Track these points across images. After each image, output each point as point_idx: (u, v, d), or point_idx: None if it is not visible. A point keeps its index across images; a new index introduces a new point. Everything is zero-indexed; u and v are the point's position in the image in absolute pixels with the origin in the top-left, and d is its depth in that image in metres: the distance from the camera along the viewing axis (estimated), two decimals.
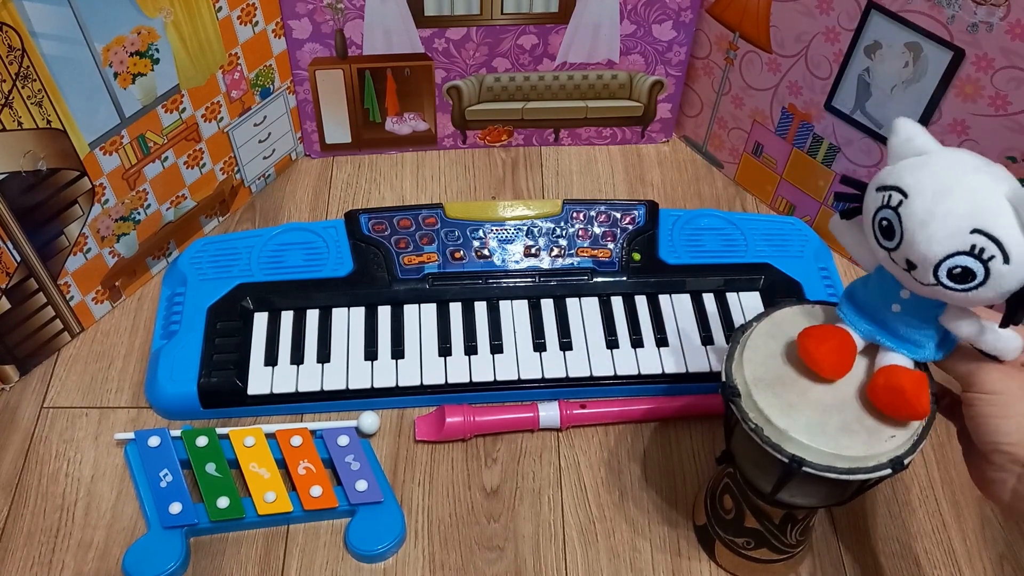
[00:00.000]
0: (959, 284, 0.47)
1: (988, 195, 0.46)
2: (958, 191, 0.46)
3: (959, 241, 0.46)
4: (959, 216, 0.46)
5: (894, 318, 0.53)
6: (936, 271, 0.47)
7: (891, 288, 0.52)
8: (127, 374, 0.79)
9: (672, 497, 0.72)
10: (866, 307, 0.54)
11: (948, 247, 0.46)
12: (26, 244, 0.72)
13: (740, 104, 0.92)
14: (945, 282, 0.47)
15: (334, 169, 0.98)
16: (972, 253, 0.46)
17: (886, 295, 0.52)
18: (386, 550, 0.68)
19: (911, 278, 0.49)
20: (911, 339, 0.53)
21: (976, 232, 0.45)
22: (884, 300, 0.53)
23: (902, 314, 0.52)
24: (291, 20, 0.85)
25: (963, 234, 0.46)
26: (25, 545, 0.69)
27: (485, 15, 0.88)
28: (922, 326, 0.52)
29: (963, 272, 0.46)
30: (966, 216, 0.46)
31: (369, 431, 0.75)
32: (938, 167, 0.48)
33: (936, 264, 0.47)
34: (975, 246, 0.45)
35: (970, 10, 0.68)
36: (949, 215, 0.46)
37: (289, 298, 0.80)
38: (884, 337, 0.53)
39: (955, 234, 0.46)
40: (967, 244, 0.46)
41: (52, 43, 0.65)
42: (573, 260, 0.82)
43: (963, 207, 0.46)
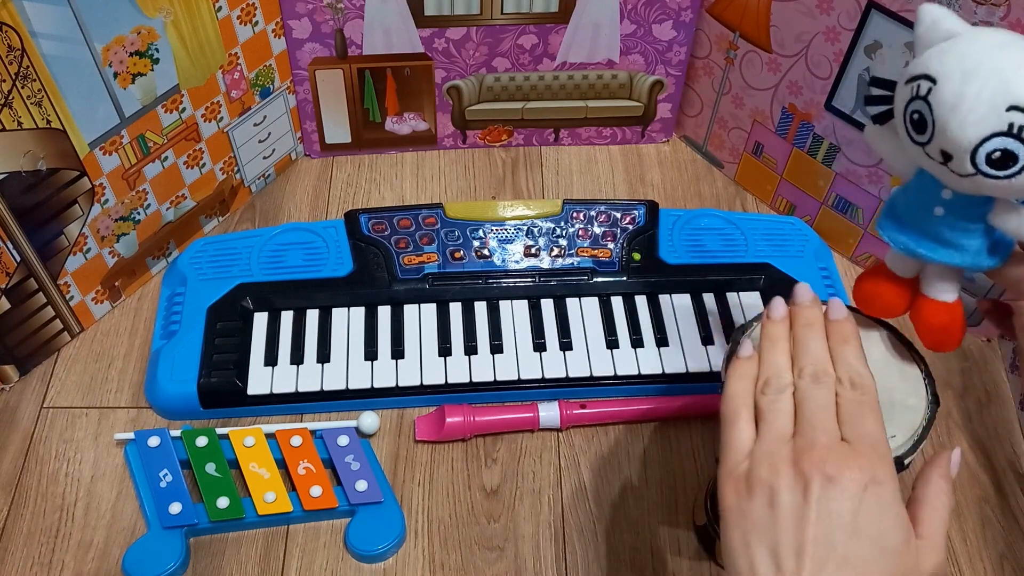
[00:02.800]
0: (1000, 170, 0.43)
1: (1020, 70, 0.42)
2: (987, 69, 0.43)
3: (994, 122, 0.42)
4: (991, 95, 0.42)
5: (937, 222, 0.49)
6: (974, 158, 0.43)
7: (932, 190, 0.48)
8: (127, 374, 0.79)
9: (672, 497, 0.72)
10: (907, 217, 0.51)
11: (983, 129, 0.43)
12: (26, 244, 0.72)
13: (740, 104, 0.92)
14: (985, 169, 0.44)
15: (334, 169, 0.98)
16: (1010, 133, 0.42)
17: (927, 198, 0.49)
18: (386, 550, 0.68)
19: (949, 172, 0.46)
20: (957, 244, 0.49)
21: (1013, 109, 0.42)
22: (926, 204, 0.49)
23: (946, 216, 0.48)
24: (291, 20, 0.85)
25: (998, 113, 0.42)
26: (25, 545, 0.69)
27: (485, 15, 0.88)
28: (969, 229, 0.48)
29: (1003, 156, 0.43)
30: (999, 93, 0.42)
31: (369, 431, 0.75)
32: (965, 48, 0.44)
33: (972, 150, 0.43)
34: (1012, 124, 0.42)
35: (970, 10, 0.68)
36: (980, 95, 0.43)
37: (289, 298, 0.80)
38: (927, 247, 0.49)
39: (989, 114, 0.43)
40: (1003, 124, 0.42)
41: (52, 43, 0.65)
42: (573, 260, 0.82)
43: (994, 85, 0.42)
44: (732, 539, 0.46)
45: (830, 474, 0.44)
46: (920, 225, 0.50)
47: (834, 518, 0.44)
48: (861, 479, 0.44)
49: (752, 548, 0.45)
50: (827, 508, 0.44)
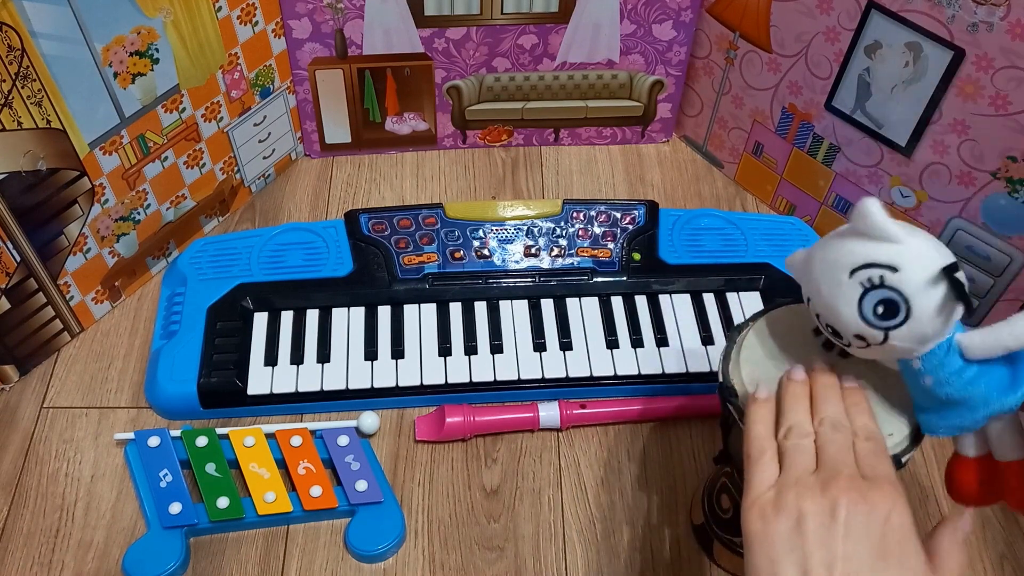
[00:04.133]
0: (891, 319, 0.47)
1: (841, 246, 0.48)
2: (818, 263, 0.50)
3: (853, 290, 0.47)
4: (833, 276, 0.48)
5: (936, 391, 0.49)
6: (871, 325, 0.47)
7: (908, 370, 0.50)
8: (127, 374, 0.79)
9: (672, 497, 0.72)
10: (923, 404, 0.51)
11: (850, 301, 0.47)
12: (26, 244, 0.72)
13: (740, 104, 0.92)
14: (884, 324, 0.47)
15: (334, 169, 0.98)
16: (870, 288, 0.47)
17: (914, 379, 0.50)
18: (386, 550, 0.68)
19: (883, 351, 0.49)
20: (968, 397, 0.48)
21: (855, 272, 0.47)
22: (918, 384, 0.50)
23: (935, 381, 0.49)
24: (291, 20, 0.85)
25: (849, 284, 0.47)
26: (25, 545, 0.69)
27: (485, 15, 0.88)
28: (962, 377, 0.48)
29: (885, 308, 0.47)
30: (836, 270, 0.48)
31: (369, 431, 0.75)
32: (807, 264, 0.51)
33: (861, 321, 0.47)
34: (863, 282, 0.47)
35: (970, 10, 0.68)
36: (828, 283, 0.49)
37: (289, 298, 0.80)
38: (952, 416, 0.49)
39: (844, 289, 0.48)
40: (858, 287, 0.47)
41: (52, 43, 0.65)
42: (573, 260, 0.82)
43: (829, 270, 0.49)
44: (757, 562, 0.47)
45: (855, 498, 0.46)
46: (932, 403, 0.50)
47: (862, 538, 0.45)
48: (885, 505, 0.46)
49: (779, 566, 0.46)
50: (855, 528, 0.45)
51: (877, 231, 0.47)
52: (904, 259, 0.47)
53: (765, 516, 0.47)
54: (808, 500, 0.47)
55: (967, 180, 0.75)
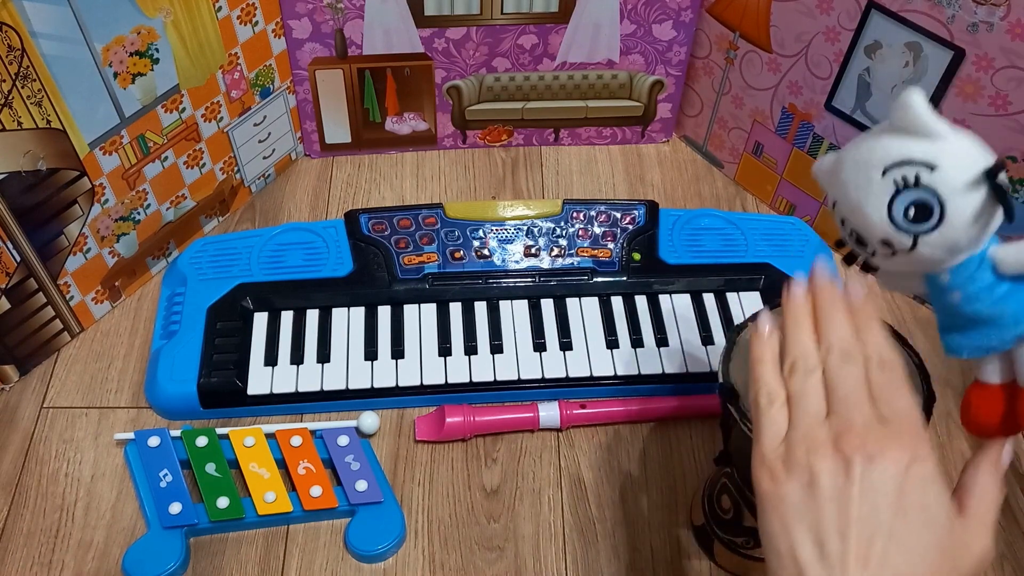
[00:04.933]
0: (925, 222, 0.43)
1: (872, 143, 0.45)
2: (848, 164, 0.46)
3: (883, 190, 0.43)
4: (862, 176, 0.44)
5: (965, 307, 0.46)
6: (900, 229, 0.44)
7: (935, 285, 0.47)
8: (127, 374, 0.79)
9: (672, 497, 0.72)
10: (948, 323, 0.48)
11: (880, 203, 0.44)
12: (26, 244, 0.72)
13: (740, 104, 0.92)
14: (916, 230, 0.43)
15: (334, 169, 0.98)
16: (903, 188, 0.43)
17: (940, 295, 0.47)
18: (386, 550, 0.68)
19: (911, 260, 0.45)
20: (998, 315, 0.45)
21: (887, 170, 0.43)
22: (945, 300, 0.47)
23: (964, 297, 0.46)
24: (291, 20, 0.85)
25: (881, 183, 0.44)
26: (25, 545, 0.69)
27: (485, 15, 0.88)
28: (993, 293, 0.45)
29: (917, 210, 0.43)
30: (867, 169, 0.44)
31: (369, 431, 0.75)
32: (838, 164, 0.47)
33: (891, 225, 0.44)
34: (897, 181, 0.43)
35: (970, 10, 0.68)
36: (856, 184, 0.45)
37: (289, 298, 0.80)
38: (981, 335, 0.47)
39: (874, 190, 0.44)
40: (890, 186, 0.43)
41: (52, 43, 0.65)
42: (573, 260, 0.82)
43: (858, 170, 0.45)
44: (770, 524, 0.44)
45: (872, 453, 0.43)
46: (958, 321, 0.47)
47: (879, 496, 0.42)
48: (903, 457, 0.43)
49: (792, 531, 0.43)
50: (871, 486, 0.43)
51: (918, 124, 0.43)
52: (944, 156, 0.43)
53: (776, 476, 0.45)
54: (820, 458, 0.44)
55: None
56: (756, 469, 0.46)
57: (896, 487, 0.43)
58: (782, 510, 0.44)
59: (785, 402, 0.47)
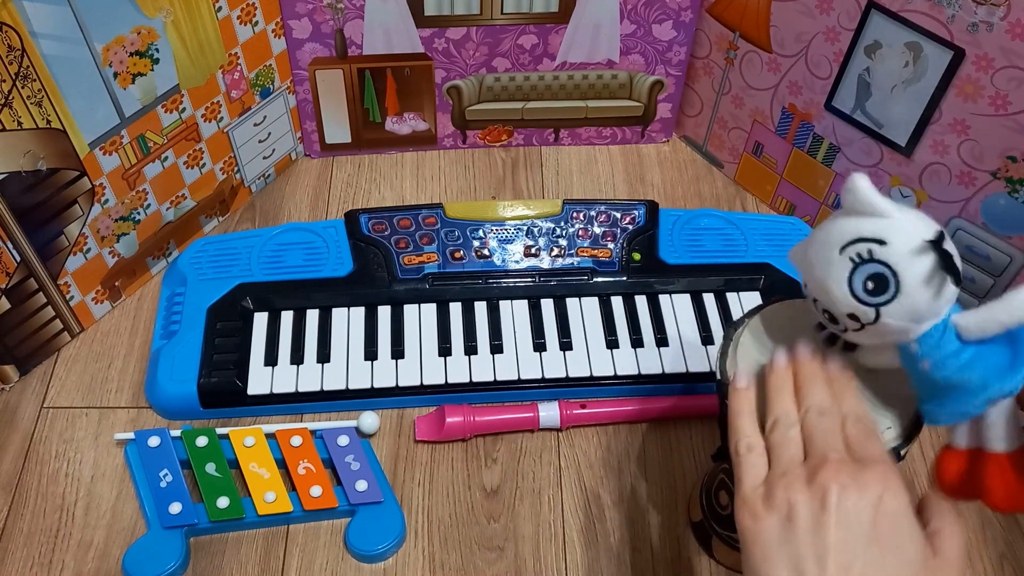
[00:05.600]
0: (880, 295, 0.46)
1: (831, 226, 0.48)
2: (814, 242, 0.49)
3: (842, 266, 0.47)
4: (823, 255, 0.48)
5: (935, 374, 0.47)
6: (862, 301, 0.47)
7: (906, 355, 0.49)
8: (127, 374, 0.79)
9: (672, 496, 0.72)
10: (922, 392, 0.50)
11: (840, 278, 0.47)
12: (26, 244, 0.72)
13: (740, 104, 0.92)
14: (874, 300, 0.47)
15: (334, 169, 0.98)
16: (860, 262, 0.47)
17: (911, 364, 0.49)
18: (386, 550, 0.68)
19: (878, 333, 0.48)
20: (967, 381, 0.47)
21: (844, 248, 0.47)
22: (916, 369, 0.49)
23: (933, 364, 0.47)
24: (291, 20, 0.85)
25: (839, 260, 0.47)
26: (25, 545, 0.69)
27: (485, 15, 0.88)
28: (960, 359, 0.47)
29: (875, 283, 0.46)
30: (825, 248, 0.48)
31: (369, 431, 0.75)
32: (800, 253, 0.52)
33: (851, 298, 0.47)
34: (853, 258, 0.47)
35: (970, 10, 0.68)
36: (817, 262, 0.49)
37: (289, 298, 0.80)
38: (952, 402, 0.48)
39: (834, 266, 0.47)
40: (848, 262, 0.47)
41: (52, 43, 0.65)
42: (573, 260, 0.82)
43: (818, 248, 0.49)
44: (752, 559, 0.46)
45: (845, 483, 0.45)
46: (932, 390, 0.49)
47: (854, 524, 0.44)
48: (876, 488, 0.45)
49: (772, 562, 0.45)
50: (846, 514, 0.45)
51: (865, 205, 0.47)
52: (891, 232, 0.46)
53: (756, 513, 0.47)
54: (797, 491, 0.46)
55: (967, 180, 0.75)
56: (738, 511, 0.48)
57: (870, 518, 0.45)
58: (762, 544, 0.46)
59: (764, 451, 0.50)
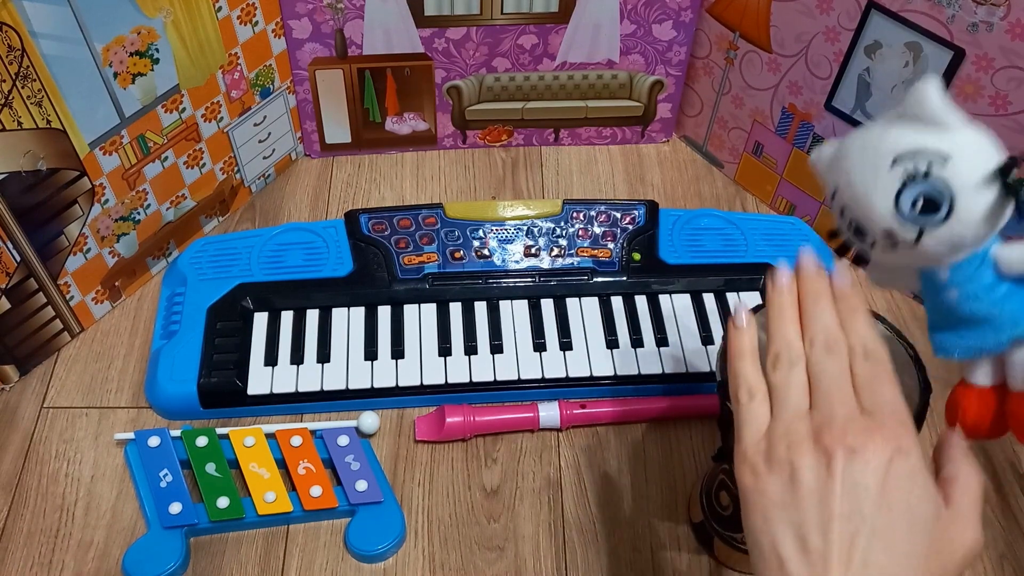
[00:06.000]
0: (933, 214, 0.42)
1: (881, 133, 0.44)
2: (853, 152, 0.45)
3: (890, 183, 0.42)
4: (869, 167, 0.43)
5: (962, 305, 0.45)
6: (905, 220, 0.43)
7: (932, 280, 0.46)
8: (127, 374, 0.79)
9: (672, 496, 0.72)
10: (941, 321, 0.47)
11: (887, 195, 0.43)
12: (26, 244, 0.72)
13: (740, 104, 0.92)
14: (922, 221, 0.42)
15: (334, 169, 0.98)
16: (911, 180, 0.42)
17: (937, 291, 0.46)
18: (386, 550, 0.68)
19: (913, 254, 0.44)
20: (995, 314, 0.44)
21: (895, 163, 0.42)
22: (941, 297, 0.46)
23: (962, 294, 0.45)
24: (291, 20, 0.85)
25: (889, 175, 0.43)
26: (25, 545, 0.69)
27: (485, 15, 0.88)
28: (992, 292, 0.44)
29: (925, 203, 0.42)
30: (875, 158, 0.43)
31: (369, 431, 0.75)
32: (839, 154, 0.46)
33: (896, 216, 0.43)
34: (906, 173, 0.42)
35: (970, 10, 0.68)
36: (862, 173, 0.44)
37: (289, 298, 0.80)
38: (975, 336, 0.46)
39: (881, 181, 0.43)
40: (898, 179, 0.42)
41: (52, 43, 0.65)
42: (573, 260, 0.82)
43: (865, 158, 0.44)
44: (752, 520, 0.44)
45: (853, 447, 0.42)
46: (952, 321, 0.46)
47: (861, 491, 0.42)
48: (886, 450, 0.42)
49: (774, 527, 0.43)
50: (853, 481, 0.42)
51: (933, 114, 0.42)
52: (957, 150, 0.42)
53: (757, 471, 0.44)
54: (801, 454, 0.43)
55: None
56: (738, 465, 0.46)
57: (878, 481, 0.42)
58: (764, 506, 0.44)
59: (766, 396, 0.46)
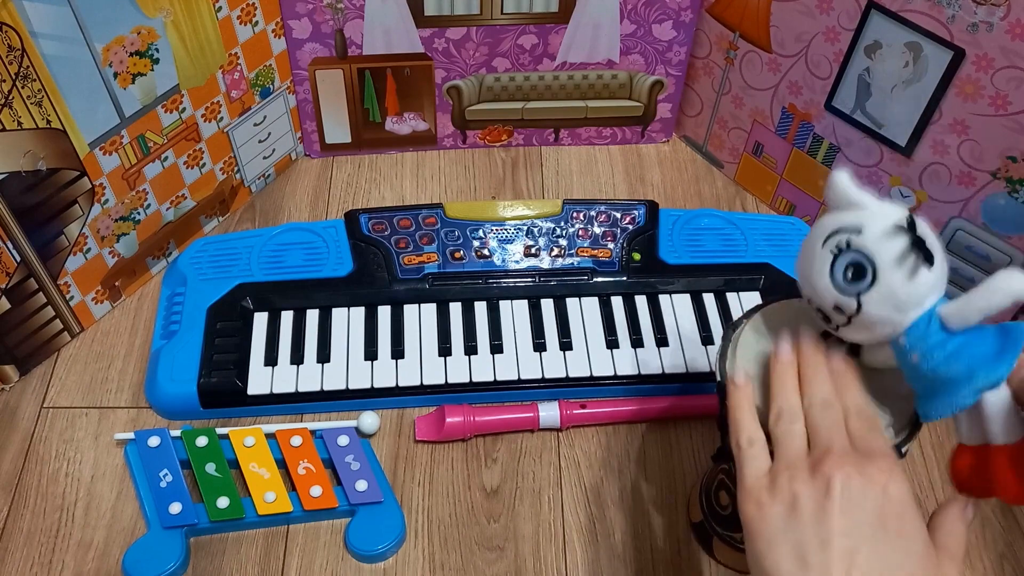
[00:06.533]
0: (859, 281, 0.47)
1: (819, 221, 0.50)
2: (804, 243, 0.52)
3: (823, 257, 0.49)
4: (808, 249, 0.50)
5: (925, 368, 0.47)
6: (843, 290, 0.48)
7: (898, 350, 0.49)
8: (127, 374, 0.79)
9: (672, 497, 0.72)
10: (917, 388, 0.50)
11: (822, 269, 0.49)
12: (26, 244, 0.72)
13: (740, 104, 0.92)
14: (854, 289, 0.48)
15: (334, 169, 0.98)
16: (840, 252, 0.48)
17: (904, 359, 0.49)
18: (386, 550, 0.68)
19: (864, 327, 0.49)
20: (955, 374, 0.46)
21: (827, 240, 0.48)
22: (908, 364, 0.49)
23: (922, 357, 0.47)
24: (291, 20, 0.85)
25: (821, 252, 0.49)
26: (25, 545, 0.69)
27: (485, 15, 0.88)
28: (943, 344, 0.47)
29: (854, 270, 0.47)
30: (811, 242, 0.50)
31: (369, 431, 0.75)
32: None
33: (832, 286, 0.48)
34: (836, 246, 0.48)
35: (970, 10, 0.68)
36: (805, 255, 0.51)
37: (289, 298, 0.80)
38: (945, 398, 0.47)
39: (817, 257, 0.49)
40: (828, 254, 0.48)
41: (52, 43, 0.65)
42: (573, 260, 0.82)
43: (807, 243, 0.51)
44: (756, 547, 0.46)
45: (850, 472, 0.45)
46: (923, 384, 0.49)
47: (858, 512, 0.44)
48: (881, 478, 0.45)
49: (776, 550, 0.45)
50: (851, 502, 0.45)
51: (842, 198, 0.49)
52: (865, 219, 0.48)
53: (760, 502, 0.47)
54: (801, 482, 0.46)
55: (967, 180, 0.75)
56: (742, 500, 0.48)
57: (875, 504, 0.45)
58: (767, 532, 0.46)
59: (765, 444, 0.50)
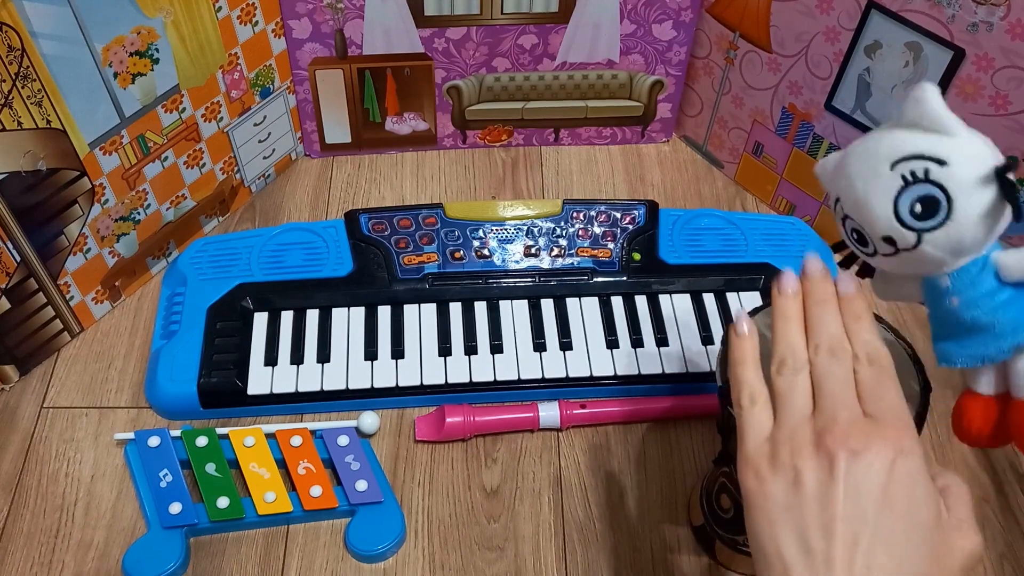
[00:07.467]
0: (930, 219, 0.42)
1: (880, 140, 0.44)
2: (855, 157, 0.45)
3: (890, 184, 0.43)
4: (868, 169, 0.44)
5: (963, 312, 0.45)
6: (904, 224, 0.43)
7: (934, 289, 0.46)
8: (127, 374, 0.79)
9: (672, 497, 0.72)
10: (943, 330, 0.47)
11: (887, 196, 0.43)
12: (26, 244, 0.72)
13: (740, 104, 0.92)
14: (920, 226, 0.43)
15: (334, 169, 0.98)
16: (912, 182, 0.42)
17: (939, 299, 0.46)
18: (386, 550, 0.68)
19: (912, 260, 0.44)
20: (995, 322, 0.44)
21: (897, 164, 0.42)
22: (943, 305, 0.46)
23: (962, 301, 0.45)
24: (291, 20, 0.85)
25: (888, 176, 0.43)
26: (25, 545, 0.69)
27: (485, 15, 0.88)
28: (993, 299, 0.44)
29: (924, 205, 0.42)
30: (874, 161, 0.43)
31: (369, 431, 0.75)
32: (844, 164, 0.46)
33: (895, 219, 0.43)
34: (905, 175, 0.42)
35: (970, 10, 0.68)
36: (861, 175, 0.44)
37: (289, 298, 0.80)
38: (977, 344, 0.46)
39: (881, 182, 0.43)
40: (898, 179, 0.43)
41: (52, 43, 0.65)
42: (573, 260, 0.82)
43: (863, 161, 0.44)
44: (756, 524, 0.44)
45: (856, 448, 0.43)
46: (954, 329, 0.46)
47: (863, 493, 0.42)
48: (888, 452, 0.43)
49: (777, 531, 0.43)
50: (855, 483, 0.42)
51: (931, 119, 0.42)
52: (955, 153, 0.42)
53: (760, 474, 0.45)
54: (804, 458, 0.44)
55: None
56: (741, 469, 0.46)
57: (881, 484, 0.42)
58: (767, 509, 0.44)
59: (768, 401, 0.47)
